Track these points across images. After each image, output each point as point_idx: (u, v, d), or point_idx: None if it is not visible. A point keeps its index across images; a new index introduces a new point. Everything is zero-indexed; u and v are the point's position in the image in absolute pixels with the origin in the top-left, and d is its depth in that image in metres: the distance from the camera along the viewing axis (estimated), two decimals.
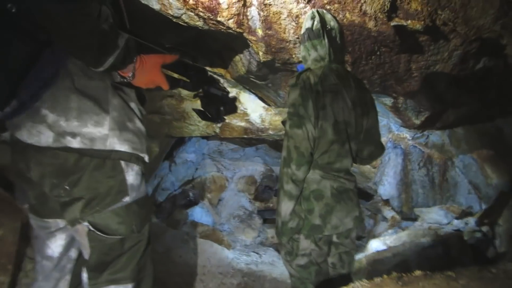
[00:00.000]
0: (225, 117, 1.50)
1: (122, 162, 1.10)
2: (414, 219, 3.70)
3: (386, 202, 4.00)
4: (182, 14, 2.36)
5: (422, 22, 2.07)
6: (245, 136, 4.22)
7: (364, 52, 2.40)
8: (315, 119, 1.61)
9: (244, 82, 3.29)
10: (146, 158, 1.20)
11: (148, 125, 1.19)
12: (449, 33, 2.21)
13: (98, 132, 1.04)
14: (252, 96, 3.77)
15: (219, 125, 4.06)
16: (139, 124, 1.15)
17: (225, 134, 4.16)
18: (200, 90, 1.35)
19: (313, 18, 1.71)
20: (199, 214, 4.35)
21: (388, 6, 2.03)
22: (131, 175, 1.12)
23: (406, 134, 3.79)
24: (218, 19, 2.26)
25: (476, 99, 2.75)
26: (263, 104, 3.86)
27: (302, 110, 1.61)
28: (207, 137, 5.26)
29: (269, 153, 5.74)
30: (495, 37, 2.20)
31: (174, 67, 1.19)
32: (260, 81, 3.08)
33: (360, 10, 2.09)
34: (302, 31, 1.75)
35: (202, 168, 5.34)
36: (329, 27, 1.70)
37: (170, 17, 2.39)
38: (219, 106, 1.41)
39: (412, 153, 3.81)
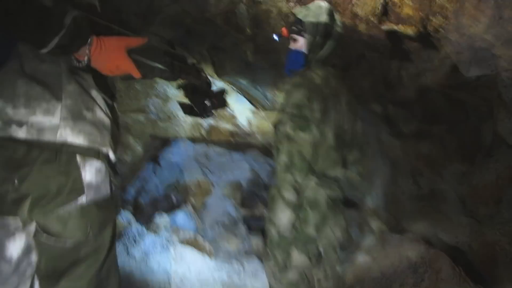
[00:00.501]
0: (214, 113, 1.35)
1: (78, 157, 0.98)
2: (402, 231, 3.63)
3: (374, 213, 3.93)
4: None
5: (414, 28, 2.03)
6: (232, 139, 4.13)
7: (354, 56, 2.35)
8: (319, 122, 1.53)
9: (232, 83, 3.22)
10: (111, 154, 1.08)
11: (132, 125, 1.07)
12: (440, 40, 2.17)
13: (48, 121, 0.92)
14: (240, 98, 3.70)
15: (205, 127, 3.95)
16: (100, 114, 1.03)
17: (211, 137, 4.07)
18: (183, 81, 1.23)
19: (331, 14, 1.62)
20: (182, 219, 4.19)
21: (380, 9, 1.99)
22: (90, 172, 1.00)
23: (395, 143, 3.74)
24: (205, 15, 2.19)
25: (467, 109, 2.71)
26: (250, 107, 3.79)
27: (308, 112, 1.50)
28: (193, 140, 5.14)
29: (257, 159, 5.63)
30: (486, 47, 2.16)
31: (147, 53, 1.03)
32: (247, 82, 3.01)
33: (351, 12, 2.04)
34: (311, 19, 1.60)
35: (187, 171, 5.20)
36: (339, 29, 1.65)
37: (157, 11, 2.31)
38: (204, 100, 1.29)
39: (400, 164, 3.76)
